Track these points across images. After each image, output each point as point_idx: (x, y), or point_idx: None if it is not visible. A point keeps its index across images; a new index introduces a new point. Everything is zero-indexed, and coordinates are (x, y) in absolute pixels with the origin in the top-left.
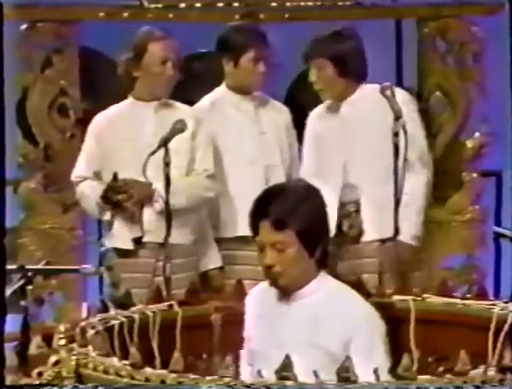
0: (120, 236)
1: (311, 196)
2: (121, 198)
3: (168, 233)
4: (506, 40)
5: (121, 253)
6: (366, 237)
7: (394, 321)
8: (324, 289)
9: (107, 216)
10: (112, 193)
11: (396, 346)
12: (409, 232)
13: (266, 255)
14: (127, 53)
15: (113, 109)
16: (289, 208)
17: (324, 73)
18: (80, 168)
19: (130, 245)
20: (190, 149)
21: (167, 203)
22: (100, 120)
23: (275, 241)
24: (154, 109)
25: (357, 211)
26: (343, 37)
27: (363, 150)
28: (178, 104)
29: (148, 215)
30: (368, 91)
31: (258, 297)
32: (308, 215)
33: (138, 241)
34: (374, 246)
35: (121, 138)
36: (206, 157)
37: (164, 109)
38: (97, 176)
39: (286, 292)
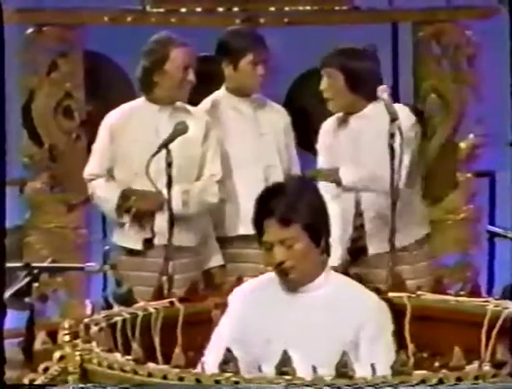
0: (131, 236)
1: (308, 189)
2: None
3: (171, 233)
4: (500, 44)
5: (131, 252)
6: (371, 251)
7: None
8: (332, 283)
9: (125, 220)
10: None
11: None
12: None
13: (275, 253)
14: (147, 59)
15: (127, 109)
16: (292, 203)
17: (334, 83)
18: (93, 166)
19: (139, 246)
20: (201, 153)
21: (169, 202)
22: (114, 118)
23: (283, 238)
24: (169, 113)
25: (362, 224)
26: (360, 54)
27: (369, 164)
28: (191, 108)
29: (159, 218)
30: (378, 109)
31: (255, 292)
32: (310, 207)
33: (148, 242)
34: (382, 257)
35: (135, 139)
36: (215, 162)
37: (178, 113)
38: (110, 173)
39: (296, 286)
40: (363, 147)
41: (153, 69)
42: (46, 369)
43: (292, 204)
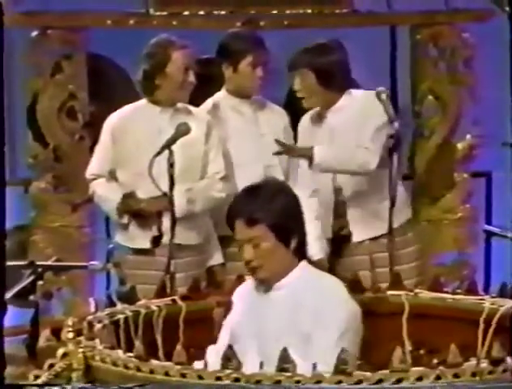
0: (136, 235)
1: (282, 192)
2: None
3: (173, 232)
4: (496, 46)
5: (137, 250)
6: (355, 238)
7: (388, 315)
8: (303, 279)
9: (125, 220)
10: (127, 207)
11: (389, 339)
12: None
13: (244, 252)
14: (148, 62)
15: (129, 110)
16: (259, 205)
17: (306, 83)
18: (95, 167)
19: (147, 245)
20: (204, 153)
21: (171, 202)
22: (116, 120)
23: (249, 237)
24: (170, 114)
25: (345, 213)
26: (326, 49)
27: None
28: (192, 108)
29: (166, 217)
30: (353, 97)
31: (245, 293)
32: (279, 209)
33: (155, 241)
34: (365, 244)
35: (137, 140)
36: (217, 160)
37: (179, 114)
38: (111, 174)
39: (266, 284)
40: (338, 140)
41: (155, 72)
42: (51, 366)
43: (261, 205)
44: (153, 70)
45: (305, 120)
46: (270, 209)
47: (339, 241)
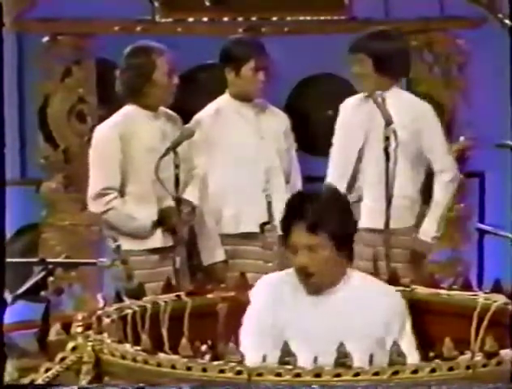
0: (158, 238)
1: (339, 199)
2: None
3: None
4: (489, 52)
5: (144, 250)
6: (360, 224)
7: None
8: (354, 283)
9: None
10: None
11: None
12: (428, 231)
13: (299, 257)
14: (133, 71)
15: (125, 117)
16: (323, 212)
17: (363, 67)
18: (105, 180)
19: (159, 244)
20: (188, 152)
21: (178, 202)
22: (117, 128)
23: (309, 244)
24: (162, 119)
25: (357, 201)
26: (386, 36)
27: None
28: (171, 113)
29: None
30: (398, 92)
31: (285, 293)
32: (339, 217)
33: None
34: (369, 236)
35: (145, 147)
36: (200, 163)
37: (169, 117)
38: (122, 182)
39: (316, 290)
40: (377, 128)
41: (142, 81)
42: (63, 359)
43: (323, 213)
44: (140, 79)
45: (350, 102)
46: (331, 218)
47: None
